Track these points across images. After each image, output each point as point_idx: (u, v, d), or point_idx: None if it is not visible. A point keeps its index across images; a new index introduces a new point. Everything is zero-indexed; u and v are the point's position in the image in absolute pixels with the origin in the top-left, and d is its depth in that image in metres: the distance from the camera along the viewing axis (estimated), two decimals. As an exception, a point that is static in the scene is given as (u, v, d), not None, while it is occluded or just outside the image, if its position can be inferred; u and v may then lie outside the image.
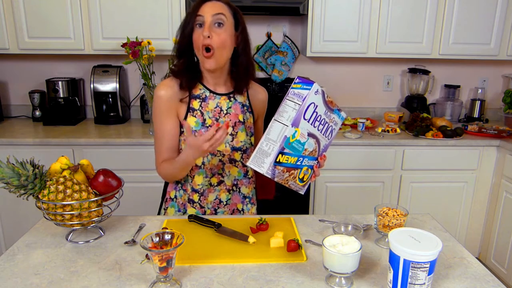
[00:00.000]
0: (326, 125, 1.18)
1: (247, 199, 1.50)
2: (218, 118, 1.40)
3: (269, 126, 1.12)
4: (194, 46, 1.32)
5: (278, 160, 1.10)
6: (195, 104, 1.39)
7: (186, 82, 1.38)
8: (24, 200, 1.18)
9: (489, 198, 2.73)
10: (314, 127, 1.15)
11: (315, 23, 2.65)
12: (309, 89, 1.08)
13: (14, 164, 1.13)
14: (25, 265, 1.09)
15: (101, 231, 1.26)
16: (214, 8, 1.30)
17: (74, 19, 2.56)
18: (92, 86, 2.78)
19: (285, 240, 1.20)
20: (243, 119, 1.43)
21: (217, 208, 1.46)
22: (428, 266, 0.91)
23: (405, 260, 0.92)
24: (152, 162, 2.49)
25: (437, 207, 2.70)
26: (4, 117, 2.99)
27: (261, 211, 1.58)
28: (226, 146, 1.41)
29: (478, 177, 2.68)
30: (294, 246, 1.16)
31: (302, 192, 1.25)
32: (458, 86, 3.07)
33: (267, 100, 1.55)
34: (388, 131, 2.71)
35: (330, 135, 1.22)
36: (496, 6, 2.68)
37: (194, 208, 1.45)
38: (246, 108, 1.46)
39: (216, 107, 1.41)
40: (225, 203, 1.46)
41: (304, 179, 1.22)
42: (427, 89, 3.01)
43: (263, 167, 1.11)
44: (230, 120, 1.42)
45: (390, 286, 0.97)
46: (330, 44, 2.70)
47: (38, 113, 2.90)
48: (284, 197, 2.25)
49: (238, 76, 1.42)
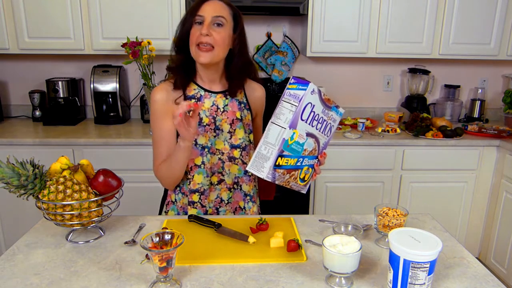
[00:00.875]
0: (325, 123, 1.17)
1: (249, 197, 1.50)
2: (215, 116, 1.40)
3: (266, 129, 1.11)
4: (190, 42, 1.32)
5: (277, 163, 1.10)
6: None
7: (180, 79, 1.38)
8: (24, 200, 1.18)
9: (489, 198, 2.73)
10: (313, 127, 1.14)
11: (315, 23, 2.65)
12: (305, 89, 1.07)
13: (14, 164, 1.13)
14: (25, 265, 1.09)
15: (101, 231, 1.26)
16: (215, 9, 1.30)
17: (74, 19, 2.57)
18: (92, 86, 2.78)
19: (285, 240, 1.20)
20: (241, 116, 1.43)
21: (218, 207, 1.46)
22: (428, 266, 0.91)
23: (405, 260, 0.92)
24: (152, 162, 2.49)
25: (437, 207, 2.70)
26: (4, 117, 2.99)
27: (261, 211, 1.58)
28: (225, 144, 1.41)
29: (478, 177, 2.68)
30: (294, 246, 1.16)
31: (304, 191, 1.24)
32: (458, 86, 3.07)
33: (265, 96, 1.54)
34: (388, 131, 2.71)
35: (329, 132, 1.21)
36: (496, 6, 2.68)
37: (195, 208, 1.45)
38: (243, 105, 1.45)
39: (212, 106, 1.41)
40: (226, 202, 1.46)
41: (305, 179, 1.21)
42: (427, 89, 3.01)
43: (263, 172, 1.10)
44: (228, 118, 1.42)
45: (390, 286, 0.97)
46: (330, 44, 2.70)
47: (38, 113, 2.90)
48: (284, 197, 2.25)
49: (232, 77, 1.42)
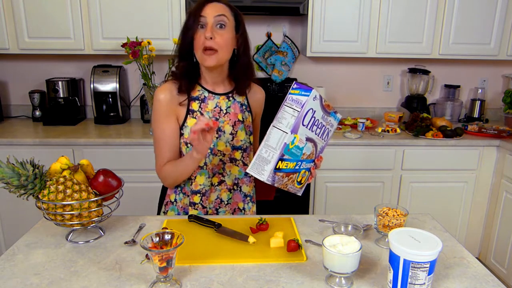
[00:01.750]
0: (323, 128, 1.19)
1: (248, 198, 1.51)
2: (218, 118, 1.41)
3: (268, 132, 1.12)
4: (195, 47, 1.32)
5: (277, 166, 1.10)
6: (194, 105, 1.39)
7: (185, 85, 1.38)
8: (24, 200, 1.18)
9: (489, 198, 2.73)
10: (312, 132, 1.15)
11: (315, 23, 2.65)
12: (307, 95, 1.07)
13: (14, 164, 1.13)
14: (25, 265, 1.09)
15: (101, 231, 1.26)
16: (216, 9, 1.30)
17: (74, 19, 2.57)
18: (92, 86, 2.78)
19: (285, 240, 1.20)
20: (242, 118, 1.44)
21: (218, 208, 1.46)
22: (428, 266, 0.91)
23: (405, 260, 0.92)
24: (152, 162, 2.49)
25: (437, 207, 2.70)
26: (4, 117, 2.99)
27: (261, 211, 1.58)
28: (226, 146, 1.41)
29: (478, 177, 2.68)
30: (294, 246, 1.16)
31: (300, 193, 1.25)
32: (458, 86, 3.07)
33: (264, 99, 1.55)
34: (388, 131, 2.71)
35: (327, 137, 1.23)
36: (496, 6, 2.68)
37: (196, 209, 1.45)
38: (244, 107, 1.46)
39: (215, 107, 1.41)
40: (226, 203, 1.46)
41: (302, 182, 1.23)
42: (427, 89, 3.01)
43: (263, 175, 1.11)
44: (230, 119, 1.42)
45: (390, 286, 0.97)
46: (330, 44, 2.70)
47: (38, 113, 2.90)
48: (284, 197, 2.25)
49: (239, 77, 1.42)
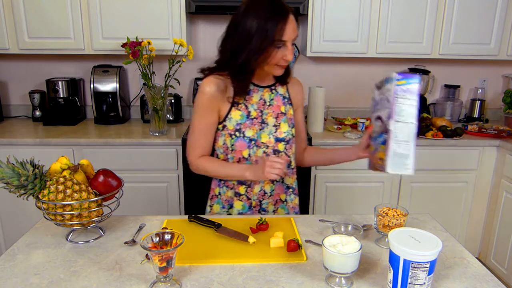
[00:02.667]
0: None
1: (290, 189, 1.52)
2: (262, 110, 1.43)
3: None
4: (267, 61, 1.31)
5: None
6: (238, 98, 1.40)
7: (241, 86, 1.37)
8: (24, 200, 1.18)
9: (489, 198, 2.73)
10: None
11: (315, 23, 2.65)
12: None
13: (14, 164, 1.13)
14: (25, 265, 1.09)
15: (101, 231, 1.26)
16: (294, 29, 1.29)
17: (74, 19, 2.57)
18: (92, 86, 2.78)
19: (285, 240, 1.20)
20: (285, 111, 1.46)
21: (262, 199, 1.48)
22: (428, 266, 0.91)
23: (405, 260, 0.92)
24: (152, 162, 2.50)
25: (437, 207, 2.70)
26: (4, 117, 2.99)
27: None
28: (269, 137, 1.43)
29: (478, 177, 2.68)
30: (294, 246, 1.16)
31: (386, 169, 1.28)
32: (458, 86, 3.07)
33: (303, 91, 1.57)
34: (388, 131, 2.70)
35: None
36: (496, 6, 2.68)
37: (241, 200, 1.47)
38: (286, 100, 1.48)
39: (260, 100, 1.43)
40: (269, 194, 1.48)
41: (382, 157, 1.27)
42: (427, 89, 3.01)
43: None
44: (273, 111, 1.44)
45: (390, 286, 0.97)
46: (330, 44, 2.70)
47: (38, 113, 2.90)
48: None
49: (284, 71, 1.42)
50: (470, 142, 2.61)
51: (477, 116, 3.07)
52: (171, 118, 2.89)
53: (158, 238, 1.00)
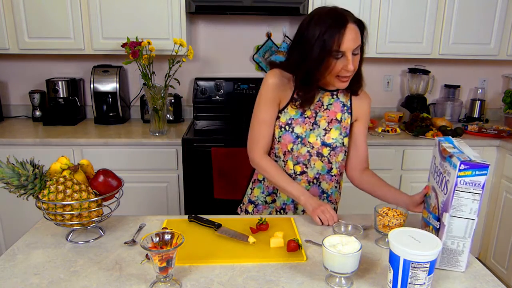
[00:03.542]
0: (441, 175, 1.09)
1: (325, 195, 1.52)
2: (317, 111, 1.43)
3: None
4: (328, 71, 1.30)
5: None
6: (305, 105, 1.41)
7: (306, 100, 1.38)
8: (24, 200, 1.18)
9: (489, 198, 2.73)
10: (434, 180, 1.13)
11: (315, 23, 2.65)
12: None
13: (14, 164, 1.13)
14: (25, 265, 1.09)
15: (101, 231, 1.26)
16: (354, 39, 1.26)
17: (74, 19, 2.57)
18: (92, 86, 2.78)
19: (285, 240, 1.20)
20: (341, 118, 1.46)
21: None
22: (428, 266, 0.91)
23: (405, 260, 0.92)
24: (152, 162, 2.50)
25: (437, 207, 2.70)
26: (4, 117, 2.99)
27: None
28: (317, 139, 1.43)
29: (478, 177, 2.68)
30: (294, 246, 1.16)
31: None
32: (458, 86, 3.07)
33: (370, 107, 1.53)
34: (388, 131, 2.71)
35: (445, 189, 1.06)
36: (496, 6, 2.68)
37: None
38: (346, 108, 1.47)
39: (318, 101, 1.44)
40: None
41: None
42: (427, 89, 3.01)
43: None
44: (328, 116, 1.44)
45: (390, 286, 0.97)
46: (330, 44, 2.69)
47: (38, 113, 2.90)
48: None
49: (353, 81, 1.40)
50: (470, 142, 2.60)
51: (477, 116, 3.07)
52: (171, 118, 2.89)
53: (158, 238, 1.00)
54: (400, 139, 2.60)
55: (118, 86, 2.80)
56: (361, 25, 1.31)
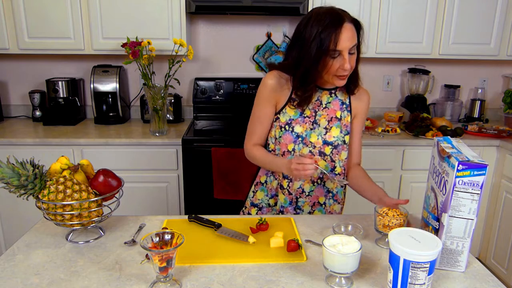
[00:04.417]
0: (440, 176, 1.09)
1: (331, 194, 1.52)
2: (316, 110, 1.44)
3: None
4: (326, 70, 1.31)
5: None
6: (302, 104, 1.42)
7: (304, 99, 1.39)
8: (24, 200, 1.18)
9: (489, 198, 2.73)
10: (433, 180, 1.12)
11: (315, 23, 2.65)
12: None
13: (14, 164, 1.13)
14: (25, 265, 1.09)
15: (101, 231, 1.26)
16: (350, 38, 1.27)
17: (74, 19, 2.57)
18: (92, 86, 2.78)
19: (285, 240, 1.20)
20: (340, 116, 1.46)
21: (298, 197, 1.49)
22: (428, 266, 0.91)
23: (405, 260, 0.92)
24: (152, 162, 2.50)
25: (437, 207, 2.70)
26: (4, 117, 2.99)
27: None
28: (318, 138, 1.44)
29: (478, 177, 2.68)
30: (294, 246, 1.16)
31: None
32: (458, 86, 3.07)
33: (369, 103, 1.55)
34: (388, 131, 2.71)
35: (444, 189, 1.06)
36: (496, 6, 2.68)
37: (283, 194, 1.50)
38: (345, 106, 1.48)
39: (316, 100, 1.45)
40: (307, 194, 1.49)
41: None
42: (427, 89, 3.01)
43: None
44: (328, 114, 1.45)
45: (390, 286, 0.97)
46: (330, 44, 2.69)
47: (38, 113, 2.90)
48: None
49: (351, 79, 1.41)
50: (470, 142, 2.60)
51: (477, 116, 3.07)
52: (171, 118, 2.89)
53: (158, 238, 1.00)
54: (400, 139, 2.60)
55: (118, 86, 2.80)
56: (357, 24, 1.32)
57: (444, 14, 2.68)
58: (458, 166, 0.98)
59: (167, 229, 1.08)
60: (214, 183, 2.47)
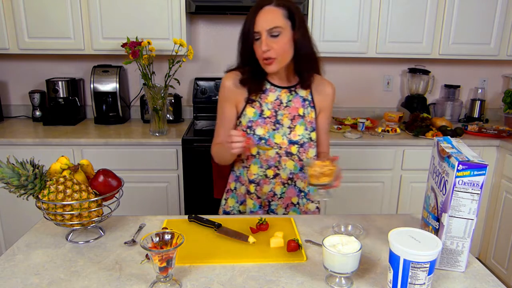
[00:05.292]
0: (440, 176, 1.09)
1: (303, 193, 1.51)
2: (277, 110, 1.43)
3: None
4: (256, 55, 1.35)
5: None
6: (254, 95, 1.43)
7: (254, 88, 1.42)
8: (24, 200, 1.18)
9: (489, 198, 2.73)
10: (433, 180, 1.12)
11: (315, 23, 2.65)
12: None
13: (14, 164, 1.13)
14: (25, 265, 1.09)
15: (101, 231, 1.26)
16: (268, 20, 1.29)
17: (74, 19, 2.57)
18: (92, 86, 2.78)
19: (285, 240, 1.20)
20: (303, 113, 1.45)
21: (271, 200, 1.48)
22: (428, 266, 0.91)
23: (405, 260, 0.92)
24: (152, 162, 2.51)
25: (437, 207, 2.70)
26: (4, 117, 2.99)
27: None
28: (283, 139, 1.43)
29: (478, 177, 2.68)
30: (294, 246, 1.16)
31: None
32: (458, 86, 3.07)
33: (334, 95, 1.52)
34: (388, 131, 2.71)
35: (444, 189, 1.07)
36: (496, 6, 2.68)
37: (252, 199, 1.48)
38: (308, 102, 1.46)
39: (276, 100, 1.43)
40: (279, 196, 1.48)
41: None
42: (427, 89, 3.01)
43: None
44: (290, 113, 1.44)
45: (390, 286, 0.97)
46: (330, 44, 2.69)
47: (38, 113, 2.90)
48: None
49: (301, 70, 1.42)
50: (470, 142, 2.60)
51: (477, 116, 3.07)
52: (171, 118, 2.89)
53: (158, 238, 1.00)
54: (400, 139, 2.60)
55: (118, 86, 2.80)
56: (288, 8, 1.32)
57: (444, 14, 2.68)
58: (458, 166, 0.99)
59: (167, 229, 1.08)
60: (214, 183, 2.47)
